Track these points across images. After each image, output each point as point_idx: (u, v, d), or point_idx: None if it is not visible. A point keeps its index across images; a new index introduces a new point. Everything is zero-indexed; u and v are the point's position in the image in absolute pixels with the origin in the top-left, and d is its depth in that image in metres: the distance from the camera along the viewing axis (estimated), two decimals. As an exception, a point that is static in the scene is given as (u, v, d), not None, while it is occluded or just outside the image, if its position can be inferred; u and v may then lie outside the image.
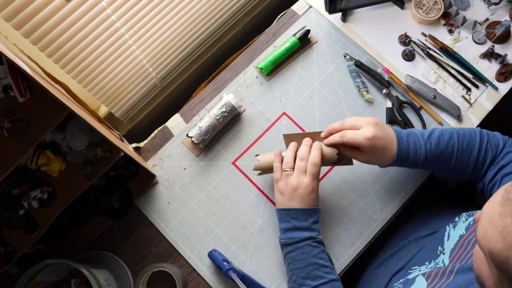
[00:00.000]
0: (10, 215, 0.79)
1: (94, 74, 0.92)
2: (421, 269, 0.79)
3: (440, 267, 0.75)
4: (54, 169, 0.80)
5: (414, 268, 0.82)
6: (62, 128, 0.81)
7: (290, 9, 1.10)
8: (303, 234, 0.82)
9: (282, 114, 1.01)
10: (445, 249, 0.77)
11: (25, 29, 0.74)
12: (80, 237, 0.95)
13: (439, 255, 0.78)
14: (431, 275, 0.73)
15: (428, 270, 0.76)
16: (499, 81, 1.03)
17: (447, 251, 0.76)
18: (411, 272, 0.81)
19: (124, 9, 0.86)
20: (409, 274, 0.81)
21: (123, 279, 0.91)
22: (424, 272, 0.77)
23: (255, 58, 1.05)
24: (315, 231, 0.83)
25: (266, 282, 0.91)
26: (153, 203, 0.97)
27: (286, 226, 0.83)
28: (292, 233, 0.83)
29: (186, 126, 1.02)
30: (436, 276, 0.72)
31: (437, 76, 1.03)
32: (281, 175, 0.85)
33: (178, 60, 1.09)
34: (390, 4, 1.09)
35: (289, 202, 0.83)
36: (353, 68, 1.02)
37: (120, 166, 0.95)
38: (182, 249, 0.94)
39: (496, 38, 1.05)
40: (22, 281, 0.82)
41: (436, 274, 0.72)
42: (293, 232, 0.83)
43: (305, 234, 0.82)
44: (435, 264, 0.77)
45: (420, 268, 0.80)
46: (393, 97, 1.01)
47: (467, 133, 0.84)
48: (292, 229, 0.83)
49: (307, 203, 0.82)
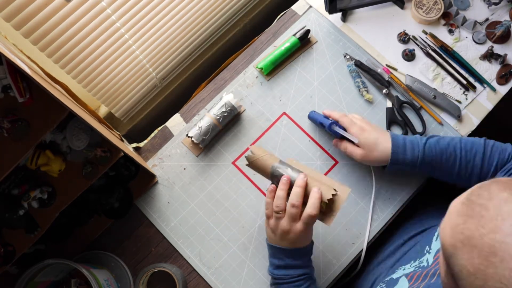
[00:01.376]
0: (10, 215, 0.79)
1: (94, 74, 0.92)
2: (405, 268, 0.79)
3: (424, 266, 0.74)
4: (54, 169, 0.80)
5: (400, 267, 0.81)
6: (62, 128, 0.81)
7: (290, 9, 1.10)
8: (297, 271, 0.79)
9: (282, 114, 1.01)
10: (432, 248, 0.77)
11: (25, 29, 0.74)
12: (80, 237, 0.95)
13: (425, 254, 0.78)
14: (414, 277, 0.73)
15: (412, 270, 0.76)
16: (500, 84, 1.03)
17: (433, 250, 0.76)
18: (396, 271, 0.81)
19: (124, 9, 0.86)
20: (393, 273, 0.81)
21: (123, 279, 0.91)
22: (408, 272, 0.76)
23: (255, 58, 1.05)
24: (309, 267, 0.81)
25: (266, 282, 0.91)
26: (153, 203, 0.97)
27: (279, 263, 0.80)
28: (286, 271, 0.79)
29: (186, 126, 1.02)
30: (419, 278, 0.72)
31: (435, 74, 1.03)
32: (272, 214, 0.78)
33: (178, 60, 1.09)
34: (390, 4, 1.09)
35: (281, 241, 0.78)
36: (353, 68, 1.02)
37: (120, 166, 0.95)
38: (182, 249, 0.94)
39: (496, 38, 1.05)
40: (22, 281, 0.82)
41: (419, 275, 0.72)
42: (288, 270, 0.79)
43: (299, 271, 0.79)
44: (419, 263, 0.77)
45: (404, 267, 0.80)
46: (393, 97, 1.01)
47: (469, 139, 0.83)
48: (286, 267, 0.79)
49: (301, 244, 0.78)
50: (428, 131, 1.00)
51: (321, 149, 0.99)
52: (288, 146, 0.99)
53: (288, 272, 0.79)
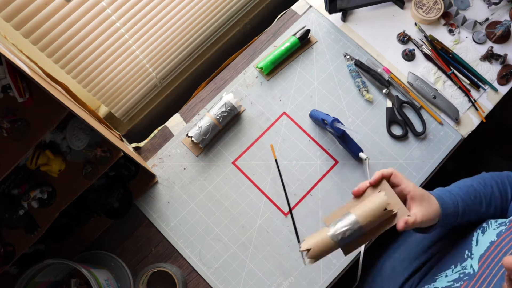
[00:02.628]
0: (10, 215, 0.79)
1: (94, 74, 0.92)
2: (447, 275, 0.77)
3: (470, 274, 0.72)
4: (54, 169, 0.80)
5: (441, 273, 0.78)
6: (62, 128, 0.81)
7: (290, 9, 1.10)
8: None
9: (282, 114, 1.01)
10: (473, 254, 0.75)
11: (25, 29, 0.74)
12: (80, 237, 0.95)
13: (466, 259, 0.75)
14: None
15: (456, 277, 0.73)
16: (501, 84, 1.03)
17: (476, 256, 0.74)
18: (437, 279, 0.78)
19: (124, 9, 0.86)
20: (435, 281, 0.78)
21: (123, 279, 0.91)
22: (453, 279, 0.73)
23: (255, 58, 1.05)
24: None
25: (266, 282, 0.91)
26: (153, 203, 0.97)
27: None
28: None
29: (186, 126, 1.01)
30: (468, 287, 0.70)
31: (436, 77, 1.03)
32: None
33: (178, 60, 1.09)
34: (390, 4, 1.09)
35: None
36: (353, 68, 1.02)
37: (120, 166, 0.95)
38: (182, 249, 0.94)
39: (496, 38, 1.05)
40: (22, 281, 0.82)
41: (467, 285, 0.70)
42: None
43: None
44: (462, 268, 0.75)
45: (446, 273, 0.77)
46: (393, 97, 1.01)
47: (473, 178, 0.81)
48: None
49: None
50: (428, 131, 1.00)
51: (321, 149, 0.99)
52: (288, 146, 0.99)
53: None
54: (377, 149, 0.99)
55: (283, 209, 0.96)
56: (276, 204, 0.96)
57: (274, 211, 0.96)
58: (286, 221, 0.95)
